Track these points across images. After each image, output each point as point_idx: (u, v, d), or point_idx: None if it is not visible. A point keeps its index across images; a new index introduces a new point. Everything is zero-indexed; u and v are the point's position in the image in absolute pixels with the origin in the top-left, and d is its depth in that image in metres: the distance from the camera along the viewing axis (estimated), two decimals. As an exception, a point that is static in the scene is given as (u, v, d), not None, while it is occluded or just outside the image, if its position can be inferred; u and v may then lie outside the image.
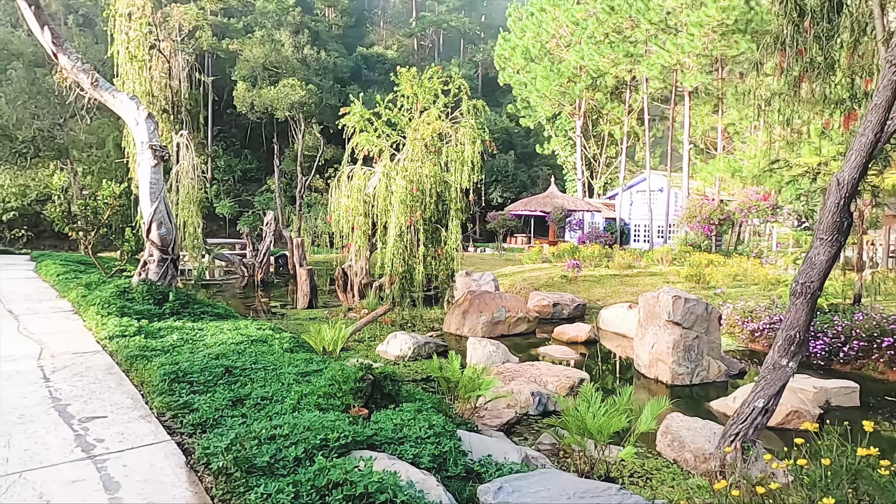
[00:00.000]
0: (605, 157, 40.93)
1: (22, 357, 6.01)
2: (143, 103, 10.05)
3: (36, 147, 33.07)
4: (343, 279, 14.41)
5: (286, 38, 50.91)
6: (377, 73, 59.27)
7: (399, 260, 9.92)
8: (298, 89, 45.22)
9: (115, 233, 16.20)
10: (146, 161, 9.70)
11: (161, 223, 9.86)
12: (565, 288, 16.32)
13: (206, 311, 9.71)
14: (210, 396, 4.67)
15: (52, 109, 33.11)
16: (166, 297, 9.64)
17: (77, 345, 6.69)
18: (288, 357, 6.36)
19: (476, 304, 11.03)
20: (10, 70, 32.15)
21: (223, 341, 7.11)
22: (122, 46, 12.94)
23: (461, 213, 10.18)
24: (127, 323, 7.51)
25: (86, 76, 9.76)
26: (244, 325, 8.55)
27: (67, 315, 8.74)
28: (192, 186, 12.87)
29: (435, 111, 9.85)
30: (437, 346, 9.50)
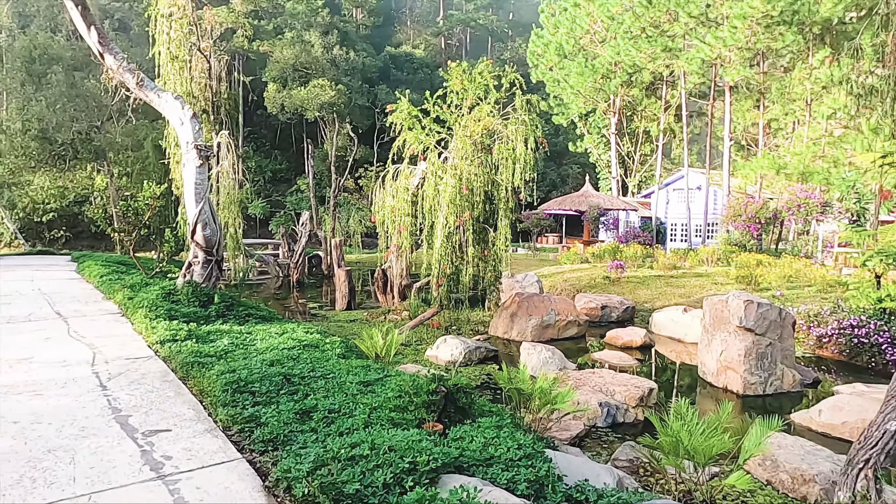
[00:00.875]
0: (639, 155, 40.07)
1: (75, 363, 5.84)
2: (186, 102, 9.91)
3: (74, 149, 33.75)
4: (383, 280, 14.16)
5: (316, 38, 51.11)
6: (405, 72, 59.17)
7: (447, 261, 9.60)
8: (328, 89, 45.37)
9: (155, 234, 16.25)
10: (191, 161, 9.56)
11: (206, 224, 9.71)
12: (609, 289, 15.82)
13: (250, 314, 9.54)
14: (275, 408, 4.40)
15: (90, 112, 33.73)
16: (211, 300, 9.49)
17: (129, 349, 6.52)
18: (344, 364, 6.09)
19: (525, 306, 10.65)
20: (50, 74, 32.80)
21: (275, 346, 6.88)
22: (163, 47, 12.89)
23: (510, 214, 9.82)
24: (176, 327, 7.34)
25: (131, 76, 9.67)
26: (291, 328, 8.33)
27: (115, 317, 8.64)
28: (233, 187, 12.76)
29: (486, 107, 9.51)
30: (487, 350, 9.15)
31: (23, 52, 33.84)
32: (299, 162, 50.78)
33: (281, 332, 8.01)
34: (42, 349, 6.44)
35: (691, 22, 26.82)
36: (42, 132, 32.32)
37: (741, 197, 26.55)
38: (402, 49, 62.38)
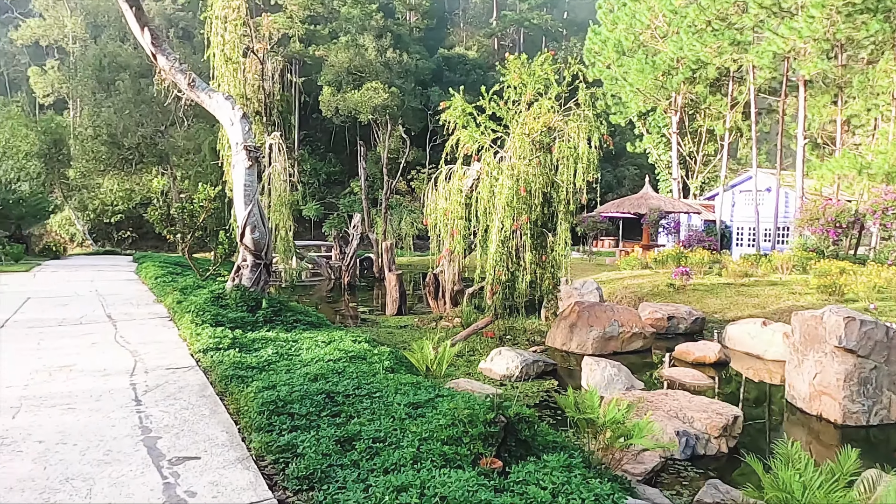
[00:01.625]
0: (702, 155, 38.17)
1: (115, 372, 5.60)
2: (237, 104, 9.73)
3: (140, 153, 35.01)
4: (434, 285, 13.69)
5: (369, 42, 51.48)
6: (458, 73, 58.79)
7: (502, 267, 9.01)
8: (381, 92, 45.54)
9: (210, 235, 16.39)
10: (240, 162, 9.36)
11: (255, 227, 9.48)
12: (674, 298, 14.81)
13: (298, 320, 9.23)
14: (314, 435, 3.94)
15: (155, 118, 34.96)
16: (259, 304, 9.25)
17: (171, 358, 6.26)
18: (392, 380, 5.60)
19: (585, 316, 9.93)
20: (119, 81, 34.15)
21: (320, 357, 6.48)
22: (217, 49, 12.86)
23: (571, 217, 9.15)
24: (221, 334, 7.06)
25: (183, 77, 9.56)
26: (339, 336, 7.94)
27: (163, 322, 8.49)
28: (284, 189, 12.60)
29: (547, 102, 8.88)
30: (545, 364, 8.51)
31: (94, 60, 35.44)
32: (352, 164, 51.23)
33: (328, 340, 7.63)
34: (85, 356, 6.26)
35: (762, 13, 25.18)
36: (111, 137, 33.67)
37: (817, 199, 24.70)
38: (454, 51, 62.12)
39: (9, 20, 46.03)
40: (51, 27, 42.21)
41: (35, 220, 28.01)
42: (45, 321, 8.33)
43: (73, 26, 41.12)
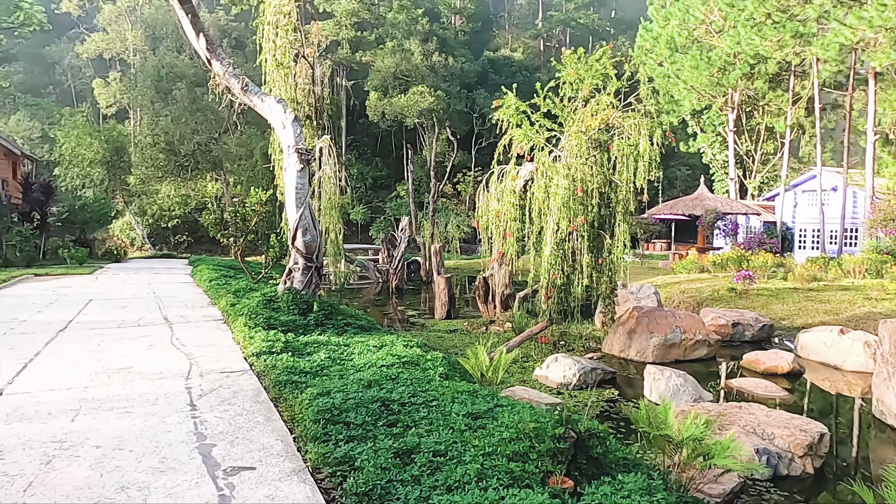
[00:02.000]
0: (760, 154, 36.55)
1: (171, 375, 5.58)
2: (289, 107, 9.75)
3: (195, 160, 36.17)
4: (484, 289, 13.43)
5: (415, 46, 51.76)
6: (504, 76, 58.37)
7: (557, 271, 8.67)
8: (427, 96, 45.70)
9: (261, 238, 16.63)
10: (292, 165, 9.35)
11: (306, 230, 9.46)
12: (736, 303, 14.06)
13: (349, 323, 9.14)
14: (371, 446, 3.75)
15: (209, 125, 36.08)
16: (310, 307, 9.20)
17: (225, 362, 6.22)
18: (448, 388, 5.37)
19: (645, 322, 9.46)
20: (175, 90, 35.38)
21: (373, 363, 6.32)
22: (269, 54, 12.98)
23: (629, 218, 8.73)
24: (274, 337, 7.01)
25: (236, 81, 9.65)
26: (390, 340, 7.78)
27: (217, 324, 8.54)
28: (334, 192, 12.60)
29: (606, 98, 8.50)
30: (603, 372, 8.11)
31: (153, 71, 36.87)
32: (398, 168, 51.56)
33: (379, 345, 7.49)
34: (143, 358, 6.30)
35: (827, 3, 23.84)
36: (168, 144, 34.94)
37: (890, 198, 23.18)
38: (500, 53, 61.75)
39: (76, 35, 48.48)
40: (113, 41, 44.18)
41: (98, 224, 29.29)
42: (105, 323, 8.50)
43: (133, 39, 42.92)
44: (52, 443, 3.83)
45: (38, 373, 5.65)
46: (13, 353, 6.52)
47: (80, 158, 29.87)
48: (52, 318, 8.90)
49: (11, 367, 5.86)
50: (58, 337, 7.44)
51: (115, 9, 44.72)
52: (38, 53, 51.41)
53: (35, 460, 3.55)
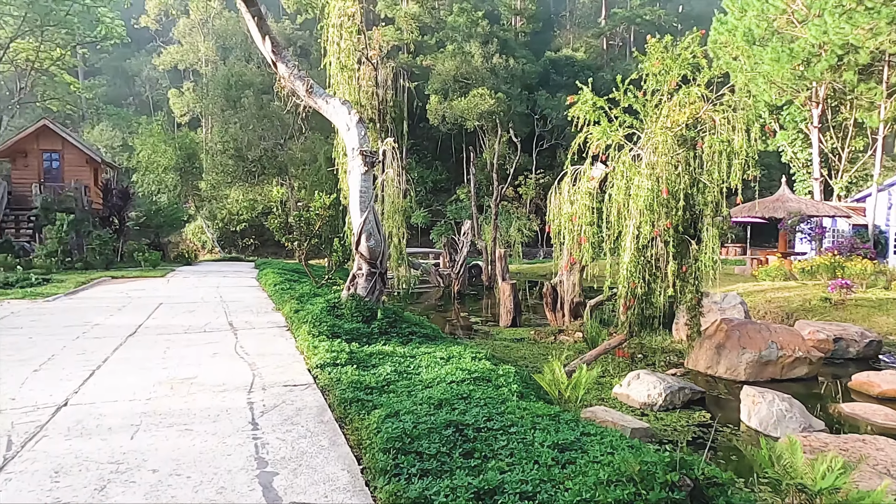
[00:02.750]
0: (847, 152, 33.88)
1: (233, 387, 5.34)
2: (353, 108, 9.51)
3: (262, 165, 37.14)
4: (552, 296, 12.79)
5: (476, 49, 51.46)
6: (565, 76, 57.19)
7: (637, 278, 7.97)
8: (488, 98, 45.29)
9: (325, 242, 16.63)
10: (356, 168, 9.09)
11: (370, 235, 9.17)
12: (832, 315, 12.80)
13: (413, 332, 8.78)
14: (448, 484, 3.29)
15: (275, 131, 36.98)
16: (375, 315, 8.90)
17: (288, 373, 5.94)
18: (527, 411, 4.85)
19: (735, 336, 8.59)
20: (244, 98, 36.46)
21: (441, 378, 5.89)
22: (333, 57, 12.87)
23: (721, 222, 7.93)
24: (338, 347, 6.71)
25: (301, 83, 9.50)
26: (457, 352, 7.34)
27: (281, 331, 8.35)
28: (397, 195, 12.33)
29: (696, 90, 7.75)
30: (692, 391, 7.36)
31: (222, 80, 38.18)
32: (458, 172, 51.35)
33: (447, 357, 7.07)
34: (207, 367, 6.12)
35: (931, -16, 21.71)
36: (236, 151, 36.04)
37: None
38: (561, 53, 60.53)
39: (153, 48, 51.05)
40: (187, 52, 46.18)
41: (172, 228, 30.46)
42: (172, 328, 8.49)
43: (205, 50, 44.69)
44: (109, 464, 3.59)
45: (104, 381, 5.54)
46: (83, 358, 6.50)
47: (156, 165, 31.20)
48: (123, 321, 8.99)
49: (80, 374, 5.79)
50: (127, 342, 7.43)
51: (188, 22, 46.74)
52: (119, 66, 54.52)
53: (90, 485, 3.30)
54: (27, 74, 26.51)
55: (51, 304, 10.95)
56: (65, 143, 23.54)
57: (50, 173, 23.18)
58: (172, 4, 49.67)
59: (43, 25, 23.23)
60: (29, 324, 8.77)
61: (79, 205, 21.29)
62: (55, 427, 4.27)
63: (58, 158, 23.28)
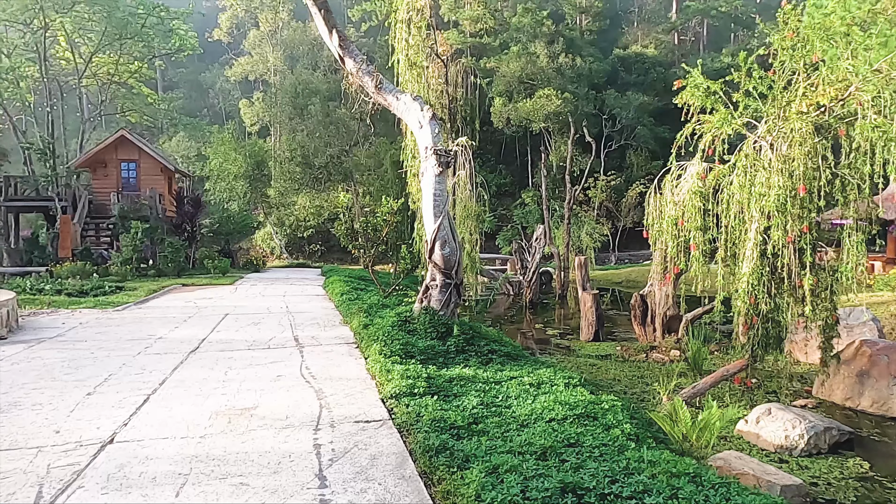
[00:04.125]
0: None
1: (298, 423, 4.58)
2: (426, 104, 8.72)
3: (328, 172, 37.31)
4: (642, 308, 11.54)
5: (541, 49, 50.16)
6: (635, 74, 54.86)
7: (761, 292, 6.72)
8: (554, 99, 43.90)
9: (391, 249, 16.00)
10: (430, 169, 8.28)
11: (445, 242, 8.33)
12: (981, 333, 10.87)
13: (493, 350, 7.87)
14: None
15: (341, 138, 37.09)
16: (450, 331, 8.05)
17: (359, 404, 5.14)
18: (659, 467, 3.82)
19: (883, 362, 7.15)
20: (310, 105, 36.79)
21: (537, 413, 4.95)
22: (402, 54, 12.16)
23: (869, 225, 6.57)
24: (414, 372, 5.87)
25: (370, 79, 8.82)
26: (547, 376, 6.38)
27: (349, 349, 7.62)
28: (470, 199, 11.47)
29: (844, 64, 6.46)
30: (839, 432, 6.04)
31: (290, 88, 38.72)
32: (523, 175, 50.05)
33: (535, 382, 6.14)
34: (269, 394, 5.42)
35: None
36: (304, 158, 36.36)
37: None
38: (631, 50, 58.15)
39: (225, 61, 52.77)
40: (257, 63, 47.36)
41: (241, 235, 30.93)
42: (236, 343, 7.94)
43: (274, 60, 45.65)
44: (145, 537, 2.86)
45: (157, 409, 4.93)
46: (140, 379, 5.97)
47: (227, 173, 31.82)
48: (187, 335, 8.55)
49: (133, 400, 5.23)
50: (188, 360, 6.90)
51: (258, 34, 47.94)
52: (194, 80, 56.76)
53: (116, 572, 2.56)
54: (108, 87, 27.60)
55: (119, 315, 10.76)
56: (141, 152, 24.20)
57: (127, 182, 23.86)
58: (243, 17, 51.15)
59: (121, 38, 24.02)
60: (94, 336, 8.47)
61: (153, 213, 21.71)
62: (94, 474, 3.62)
63: (134, 168, 23.95)
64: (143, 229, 18.90)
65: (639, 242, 45.46)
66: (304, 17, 51.53)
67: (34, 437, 4.29)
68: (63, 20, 21.43)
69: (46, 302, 11.73)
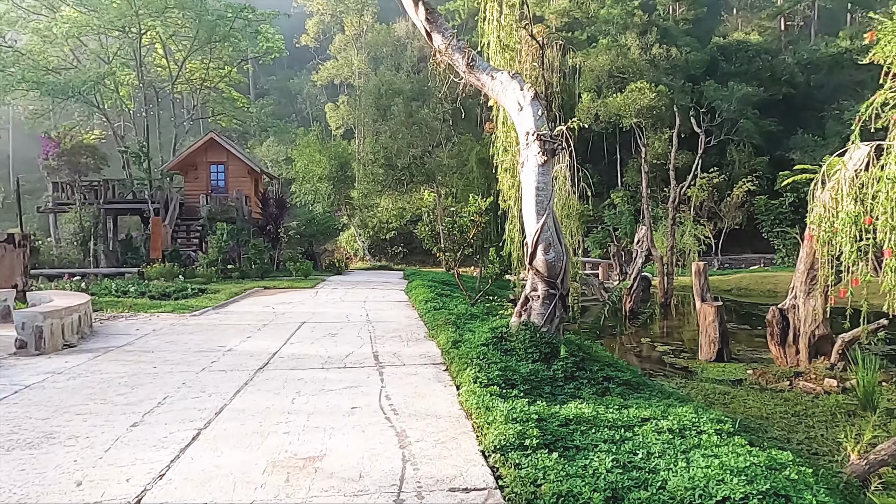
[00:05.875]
0: None
1: (373, 487, 3.42)
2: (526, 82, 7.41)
3: (410, 173, 36.78)
4: (781, 325, 9.61)
5: (632, 40, 47.45)
6: (737, 63, 50.72)
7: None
8: (647, 92, 41.18)
9: (478, 252, 14.80)
10: (531, 158, 6.97)
11: (549, 245, 6.98)
12: None
13: (609, 377, 6.47)
14: None
15: (423, 138, 36.46)
16: (555, 352, 6.70)
17: (454, 458, 3.92)
18: None
19: None
20: (393, 106, 36.42)
21: (700, 488, 3.51)
22: (492, 36, 10.93)
23: None
24: (521, 412, 4.58)
25: (461, 56, 7.63)
26: (688, 418, 4.93)
27: (437, 372, 6.44)
28: (571, 195, 10.02)
29: None
30: None
31: (374, 89, 38.58)
32: (611, 175, 47.38)
33: (676, 426, 4.74)
34: (340, 434, 4.33)
35: None
36: (386, 159, 36.05)
37: None
38: (732, 38, 53.86)
39: (312, 66, 53.91)
40: (342, 66, 47.90)
41: (325, 237, 30.94)
42: (308, 360, 6.99)
43: (358, 63, 45.93)
44: None
45: (204, 454, 3.95)
46: (196, 406, 5.08)
47: (311, 175, 31.97)
48: (258, 348, 7.73)
49: (181, 437, 4.30)
50: (254, 380, 5.99)
51: (343, 38, 48.50)
52: (283, 86, 58.50)
53: None
54: (199, 92, 28.37)
55: (195, 320, 10.23)
56: (229, 155, 24.50)
57: (216, 184, 24.21)
58: (330, 22, 51.99)
59: (210, 42, 24.46)
60: (163, 346, 7.83)
61: (239, 214, 21.76)
62: (96, 566, 2.60)
63: (223, 170, 24.27)
64: (228, 231, 18.84)
65: (739, 245, 41.56)
66: (387, 20, 51.68)
67: (48, 492, 3.40)
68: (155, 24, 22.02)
69: (128, 305, 11.48)
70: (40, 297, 9.60)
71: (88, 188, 21.89)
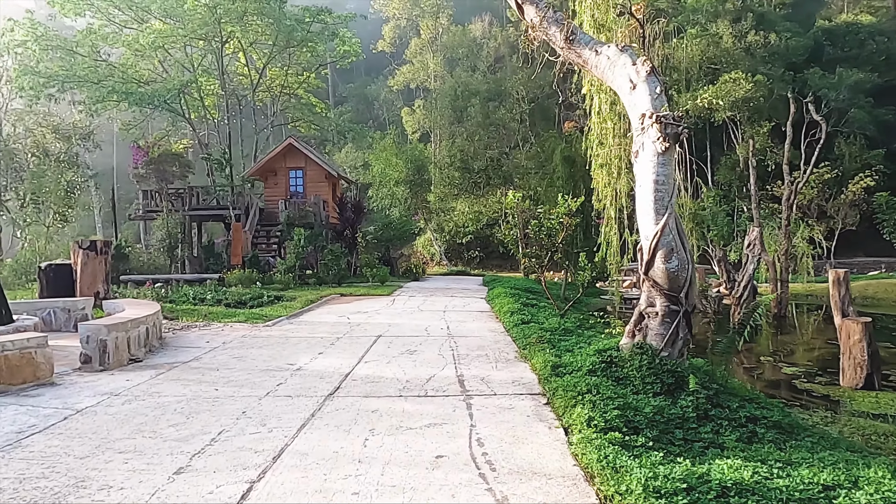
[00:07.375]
0: None
1: None
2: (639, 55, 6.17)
3: (487, 175, 35.75)
4: (958, 349, 7.73)
5: (724, 28, 44.15)
6: (846, 47, 46.11)
7: None
8: (743, 83, 38.05)
9: (565, 256, 13.52)
10: (649, 145, 5.74)
11: (671, 251, 5.71)
12: None
13: (753, 418, 5.18)
14: None
15: (500, 140, 35.37)
16: (681, 382, 5.46)
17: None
18: None
19: None
20: (469, 107, 35.55)
21: None
22: (586, 14, 9.80)
23: None
24: (663, 479, 3.42)
25: (558, 29, 6.50)
26: (888, 485, 3.55)
27: (536, 406, 5.32)
28: (684, 190, 8.61)
29: None
30: None
31: (449, 91, 37.90)
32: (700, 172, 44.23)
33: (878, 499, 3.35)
34: (422, 497, 3.33)
35: None
36: (463, 162, 35.24)
37: None
38: (840, 19, 49.11)
39: (388, 72, 54.13)
40: (418, 71, 47.64)
41: (402, 242, 30.43)
42: (384, 384, 6.08)
43: (434, 66, 45.50)
44: None
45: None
46: (254, 445, 4.26)
47: (388, 179, 31.64)
48: (330, 367, 6.93)
49: (229, 491, 3.47)
50: (322, 410, 5.14)
51: (419, 42, 48.25)
52: (361, 93, 59.19)
53: None
54: (278, 99, 28.71)
55: (266, 332, 9.66)
56: (307, 160, 24.45)
57: (294, 190, 24.22)
58: (405, 27, 51.97)
59: (288, 47, 24.57)
60: (230, 363, 7.20)
61: (317, 219, 21.55)
62: None
63: (301, 175, 24.25)
64: (305, 236, 18.56)
65: (850, 248, 37.28)
66: (463, 22, 50.99)
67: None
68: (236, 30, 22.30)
69: (203, 314, 11.14)
70: (115, 307, 9.35)
71: (175, 195, 22.45)
